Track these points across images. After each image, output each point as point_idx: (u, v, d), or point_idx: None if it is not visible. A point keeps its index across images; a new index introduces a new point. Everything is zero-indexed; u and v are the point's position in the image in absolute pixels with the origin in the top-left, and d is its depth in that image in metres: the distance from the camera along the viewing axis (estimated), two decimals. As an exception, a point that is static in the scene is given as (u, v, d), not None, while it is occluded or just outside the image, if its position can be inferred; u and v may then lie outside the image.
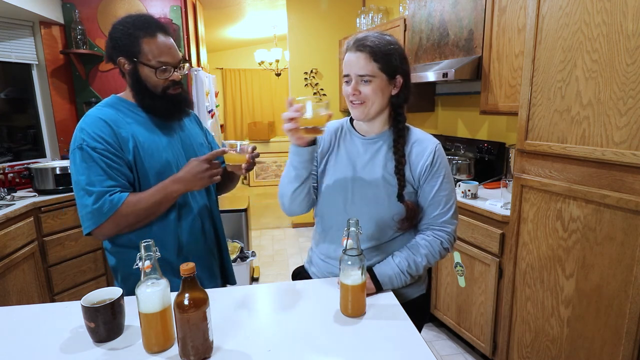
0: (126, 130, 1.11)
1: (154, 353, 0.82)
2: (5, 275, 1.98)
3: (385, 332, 0.89)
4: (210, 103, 3.45)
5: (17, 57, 2.77)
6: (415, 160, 1.08)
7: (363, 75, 1.02)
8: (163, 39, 1.11)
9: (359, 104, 1.04)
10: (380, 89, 1.04)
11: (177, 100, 1.17)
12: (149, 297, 0.79)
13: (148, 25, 1.09)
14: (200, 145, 1.30)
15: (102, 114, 1.11)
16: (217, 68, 7.01)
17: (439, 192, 1.08)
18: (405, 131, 1.11)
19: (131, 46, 1.08)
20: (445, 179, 1.08)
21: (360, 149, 1.12)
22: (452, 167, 2.48)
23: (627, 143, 1.27)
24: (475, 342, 2.09)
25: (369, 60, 1.01)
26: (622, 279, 1.33)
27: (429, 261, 1.08)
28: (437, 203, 1.08)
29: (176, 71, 1.14)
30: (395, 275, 1.06)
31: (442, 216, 1.08)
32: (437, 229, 1.09)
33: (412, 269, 1.06)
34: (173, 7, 3.10)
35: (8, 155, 2.84)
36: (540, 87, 1.55)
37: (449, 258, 2.21)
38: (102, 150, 1.06)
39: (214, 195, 1.35)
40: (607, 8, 1.28)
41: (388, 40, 1.05)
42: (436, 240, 1.08)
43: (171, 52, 1.12)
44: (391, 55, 1.03)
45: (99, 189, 1.05)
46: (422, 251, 1.07)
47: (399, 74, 1.06)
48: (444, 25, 2.47)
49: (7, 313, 1.00)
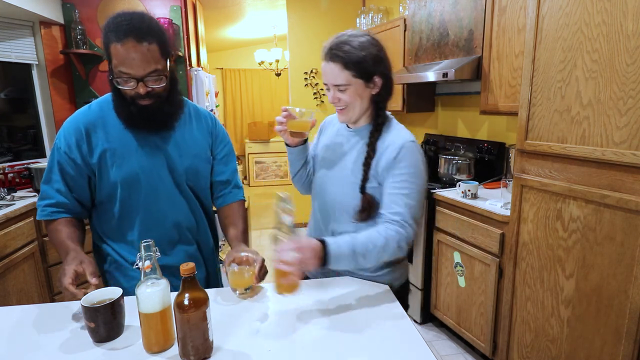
0: (98, 137, 1.11)
1: (154, 353, 0.82)
2: (5, 275, 1.98)
3: (385, 332, 0.89)
4: (210, 103, 3.45)
5: (17, 57, 2.76)
6: (383, 155, 1.06)
7: (339, 85, 1.05)
8: (129, 46, 0.97)
9: (342, 109, 1.09)
10: (357, 94, 1.06)
11: (148, 112, 1.07)
12: (149, 297, 0.79)
13: (117, 29, 0.98)
14: (194, 157, 1.21)
15: (82, 118, 1.13)
16: (217, 68, 7.00)
17: (399, 189, 1.03)
18: (383, 126, 1.11)
19: (106, 49, 1.01)
20: (409, 177, 1.03)
21: (343, 139, 1.17)
22: (452, 167, 2.49)
23: (627, 143, 1.27)
24: (475, 342, 2.09)
25: (342, 69, 1.02)
26: (622, 279, 1.33)
27: (380, 255, 1.00)
28: (395, 200, 1.03)
29: (143, 83, 1.02)
30: (345, 255, 0.96)
31: (399, 214, 1.02)
32: (395, 224, 1.02)
33: (365, 257, 0.98)
34: (173, 7, 3.10)
35: (8, 155, 2.84)
36: (540, 87, 1.55)
37: (449, 258, 2.21)
38: (62, 153, 1.11)
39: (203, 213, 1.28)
40: (607, 8, 1.28)
41: (360, 44, 1.03)
42: (395, 235, 1.00)
43: (134, 62, 0.98)
44: (363, 61, 1.02)
45: (45, 188, 1.13)
46: (379, 242, 0.99)
47: (376, 76, 1.06)
48: (444, 25, 2.47)
49: (7, 313, 1.00)
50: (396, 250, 1.01)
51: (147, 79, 1.02)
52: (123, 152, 1.11)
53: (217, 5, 4.28)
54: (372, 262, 1.01)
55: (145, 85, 1.02)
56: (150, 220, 1.17)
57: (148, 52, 0.99)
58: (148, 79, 1.02)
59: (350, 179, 1.10)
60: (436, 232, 2.30)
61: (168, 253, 1.19)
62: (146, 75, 1.01)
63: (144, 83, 1.02)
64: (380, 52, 1.06)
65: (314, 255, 0.92)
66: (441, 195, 2.22)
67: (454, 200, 2.12)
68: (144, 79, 1.01)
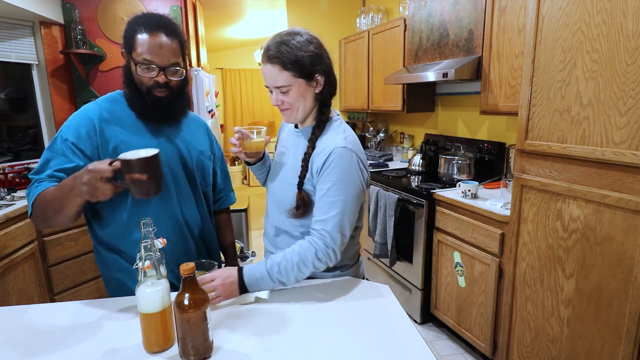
0: (112, 130, 1.10)
1: (154, 353, 0.82)
2: (5, 275, 1.98)
3: (385, 332, 0.89)
4: (210, 103, 3.45)
5: (17, 57, 2.76)
6: (315, 156, 1.06)
7: (280, 87, 1.03)
8: (158, 37, 1.06)
9: (286, 109, 1.08)
10: (300, 94, 1.04)
11: (161, 103, 1.11)
12: (149, 297, 0.79)
13: (148, 22, 1.07)
14: (200, 153, 1.26)
15: (94, 110, 1.11)
16: (217, 68, 7.00)
17: (324, 197, 1.02)
18: (324, 124, 1.09)
19: (130, 39, 1.08)
20: (335, 185, 1.01)
21: (291, 140, 1.19)
22: (452, 167, 2.49)
23: (627, 143, 1.27)
24: (475, 342, 2.09)
25: (281, 70, 1.01)
26: (622, 279, 1.33)
27: (300, 270, 1.01)
28: (320, 207, 1.03)
29: (164, 73, 1.08)
30: (262, 278, 1.01)
31: (322, 223, 1.01)
32: (315, 235, 1.02)
33: (282, 275, 1.01)
34: (173, 7, 3.10)
35: (8, 155, 2.84)
36: (540, 87, 1.55)
37: (449, 258, 2.21)
38: (69, 145, 1.06)
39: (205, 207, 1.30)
40: (607, 8, 1.28)
41: (298, 43, 1.01)
42: (310, 248, 1.01)
43: (160, 52, 1.06)
44: (301, 60, 1.01)
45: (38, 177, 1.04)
46: (294, 259, 1.00)
47: (318, 74, 1.04)
48: (444, 25, 2.47)
49: (7, 313, 1.00)
50: (316, 262, 1.01)
51: (168, 70, 1.09)
52: (138, 146, 1.11)
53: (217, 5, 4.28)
54: (294, 279, 1.02)
55: (165, 76, 1.09)
56: (162, 216, 1.16)
57: (172, 47, 1.09)
58: (169, 70, 1.09)
59: (290, 177, 1.11)
60: (436, 232, 2.30)
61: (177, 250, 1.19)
62: (168, 66, 1.08)
63: (164, 73, 1.08)
64: (319, 49, 1.04)
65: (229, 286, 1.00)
66: (441, 195, 2.22)
67: (454, 200, 2.12)
68: (165, 69, 1.08)
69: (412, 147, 3.48)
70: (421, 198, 2.33)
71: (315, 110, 1.11)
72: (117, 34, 3.04)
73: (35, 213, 1.02)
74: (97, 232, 1.16)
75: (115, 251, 1.15)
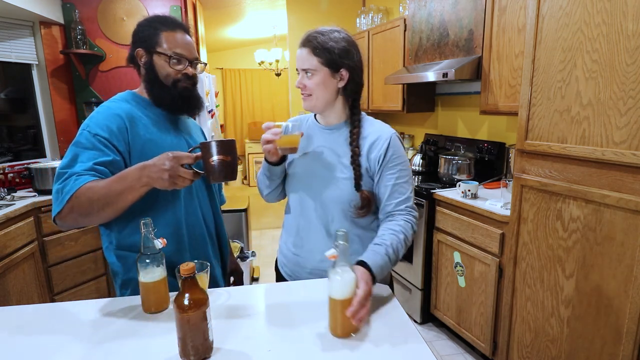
0: (139, 126, 1.10)
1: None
2: (5, 275, 1.98)
3: (385, 332, 0.89)
4: (210, 103, 3.45)
5: (17, 57, 2.77)
6: (371, 151, 1.12)
7: (306, 70, 1.09)
8: (182, 34, 1.15)
9: (307, 95, 1.12)
10: (322, 81, 1.09)
11: (185, 95, 1.17)
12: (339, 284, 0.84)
13: (171, 22, 1.15)
14: None
15: (118, 108, 1.09)
16: (217, 68, 7.00)
17: (399, 180, 1.12)
18: (360, 122, 1.15)
19: (151, 37, 1.12)
20: (402, 166, 1.13)
21: (320, 137, 1.19)
22: (452, 167, 2.49)
23: (627, 143, 1.27)
24: (475, 342, 2.09)
25: (311, 54, 1.08)
26: (622, 279, 1.33)
27: (406, 245, 1.09)
28: (399, 190, 1.12)
29: (190, 66, 1.16)
30: (384, 264, 1.01)
31: (406, 202, 1.13)
32: (404, 213, 1.12)
33: (394, 255, 1.04)
34: (173, 7, 3.10)
35: (8, 155, 2.84)
36: (540, 87, 1.55)
37: (449, 258, 2.21)
38: (102, 139, 1.02)
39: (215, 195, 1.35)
40: (607, 8, 1.28)
41: (333, 37, 1.09)
42: (408, 225, 1.11)
43: (188, 47, 1.15)
44: (332, 50, 1.07)
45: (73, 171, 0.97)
46: (401, 236, 1.08)
47: (343, 68, 1.09)
48: (444, 25, 2.47)
49: (7, 313, 1.00)
50: (413, 235, 1.13)
51: (194, 63, 1.17)
52: (163, 144, 1.13)
53: (217, 5, 4.28)
54: (401, 256, 1.09)
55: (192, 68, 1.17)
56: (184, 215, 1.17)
57: (192, 43, 1.18)
58: (195, 63, 1.17)
59: (341, 178, 1.13)
60: (436, 232, 2.31)
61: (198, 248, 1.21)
62: (195, 59, 1.17)
63: (192, 65, 1.16)
64: (351, 47, 1.10)
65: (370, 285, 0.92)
66: (441, 195, 2.22)
67: (454, 200, 2.12)
68: (193, 62, 1.17)
69: (412, 147, 3.48)
70: (421, 198, 2.33)
71: (339, 107, 1.15)
72: (117, 34, 3.04)
73: (72, 208, 0.94)
74: (118, 235, 1.12)
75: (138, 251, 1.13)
